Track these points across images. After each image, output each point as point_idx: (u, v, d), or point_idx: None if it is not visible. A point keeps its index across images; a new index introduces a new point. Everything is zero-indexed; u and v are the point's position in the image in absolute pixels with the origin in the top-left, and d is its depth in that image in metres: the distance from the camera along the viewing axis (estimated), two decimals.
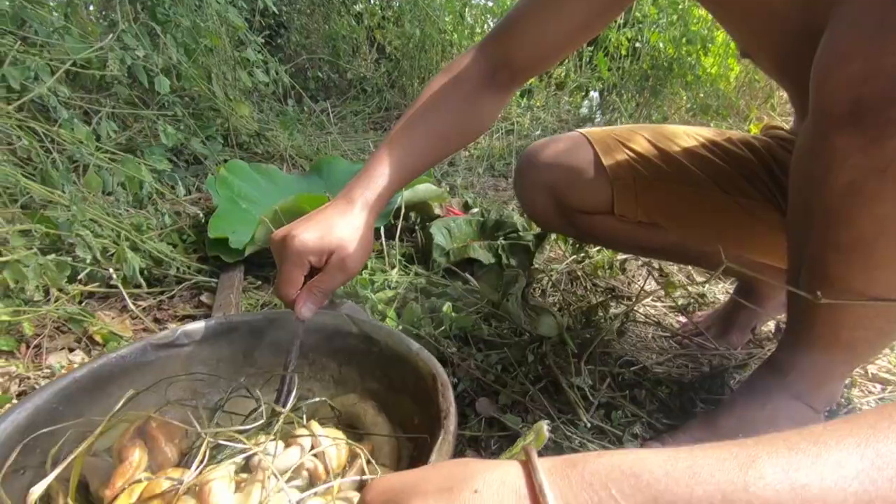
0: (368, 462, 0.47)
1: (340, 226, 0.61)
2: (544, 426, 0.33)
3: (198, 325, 0.60)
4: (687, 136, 0.83)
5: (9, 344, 0.83)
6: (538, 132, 2.25)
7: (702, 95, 2.26)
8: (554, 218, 0.86)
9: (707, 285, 1.21)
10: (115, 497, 0.42)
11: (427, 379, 0.54)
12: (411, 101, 0.72)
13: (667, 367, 0.95)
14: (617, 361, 0.90)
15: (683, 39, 2.17)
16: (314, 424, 0.51)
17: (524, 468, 0.27)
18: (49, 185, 0.97)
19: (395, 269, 1.10)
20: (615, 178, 0.80)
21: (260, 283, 1.14)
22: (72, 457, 0.41)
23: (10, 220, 0.89)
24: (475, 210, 1.50)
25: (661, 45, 2.24)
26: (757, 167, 0.79)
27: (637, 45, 2.32)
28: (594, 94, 2.54)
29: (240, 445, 0.45)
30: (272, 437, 0.47)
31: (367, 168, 0.66)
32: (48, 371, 0.80)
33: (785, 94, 1.77)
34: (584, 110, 2.42)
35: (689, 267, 1.28)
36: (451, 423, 0.47)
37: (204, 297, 1.08)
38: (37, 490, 0.39)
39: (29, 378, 0.79)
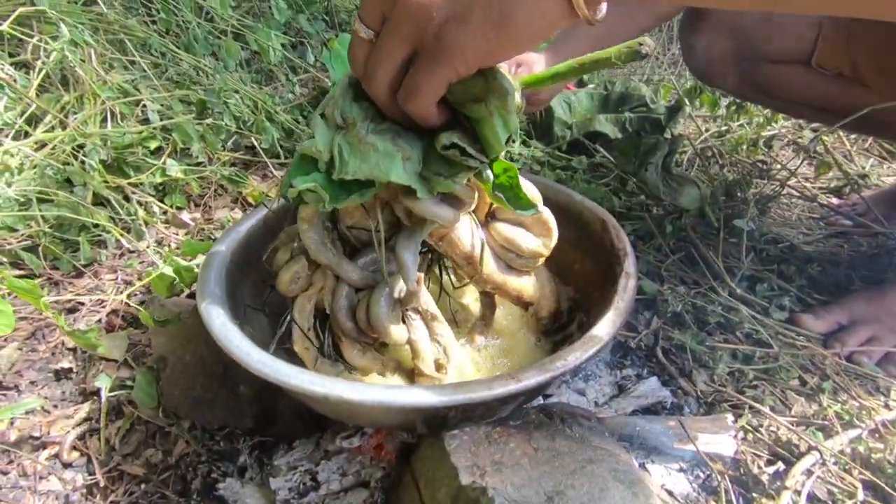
0: None
1: None
2: None
3: None
4: None
5: (181, 201, 0.94)
6: None
7: None
8: (727, 67, 0.76)
9: (870, 166, 1.07)
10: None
11: (594, 224, 0.54)
12: None
13: (816, 246, 0.88)
14: (761, 238, 0.85)
15: None
16: None
17: None
18: (192, 54, 1.02)
19: (517, 143, 1.07)
20: (826, 15, 0.68)
21: None
22: None
23: (167, 90, 0.95)
24: (592, 85, 1.39)
25: None
26: None
27: None
28: None
29: None
30: None
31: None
32: (218, 224, 0.90)
33: None
34: None
35: (850, 145, 1.12)
36: (631, 262, 0.47)
37: None
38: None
39: (203, 229, 0.90)
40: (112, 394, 0.59)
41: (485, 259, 0.45)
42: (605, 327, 0.39)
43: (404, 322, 0.45)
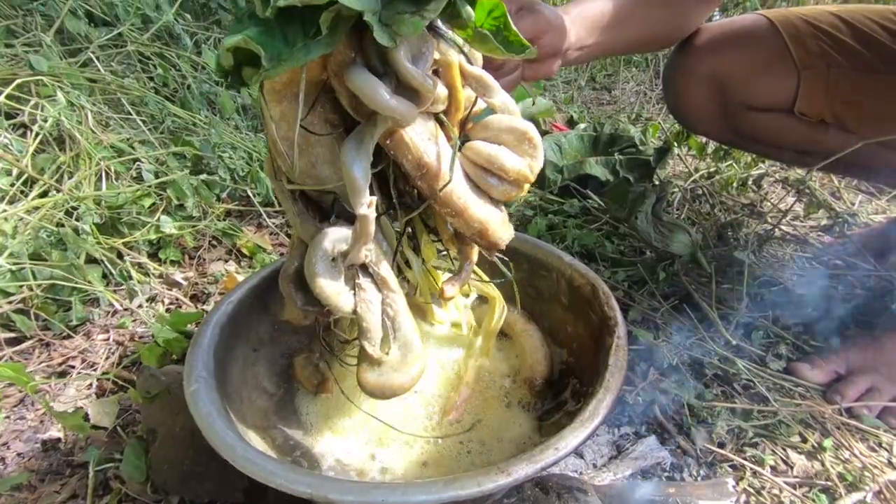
0: None
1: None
2: None
3: None
4: None
5: (176, 255, 0.94)
6: None
7: None
8: (710, 115, 0.78)
9: (859, 203, 1.08)
10: None
11: (584, 288, 0.54)
12: None
13: (809, 288, 0.88)
14: (755, 281, 0.85)
15: None
16: None
17: None
18: (187, 110, 1.03)
19: None
20: (804, 66, 0.70)
21: None
22: None
23: (163, 144, 0.97)
24: (582, 126, 1.41)
25: None
26: None
27: None
28: None
29: None
30: None
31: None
32: (212, 278, 0.90)
33: None
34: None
35: (838, 182, 1.14)
36: (622, 329, 0.47)
37: None
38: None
39: (198, 283, 0.89)
40: (100, 467, 0.58)
41: (452, 175, 0.37)
42: (596, 409, 0.39)
43: (354, 289, 0.38)
